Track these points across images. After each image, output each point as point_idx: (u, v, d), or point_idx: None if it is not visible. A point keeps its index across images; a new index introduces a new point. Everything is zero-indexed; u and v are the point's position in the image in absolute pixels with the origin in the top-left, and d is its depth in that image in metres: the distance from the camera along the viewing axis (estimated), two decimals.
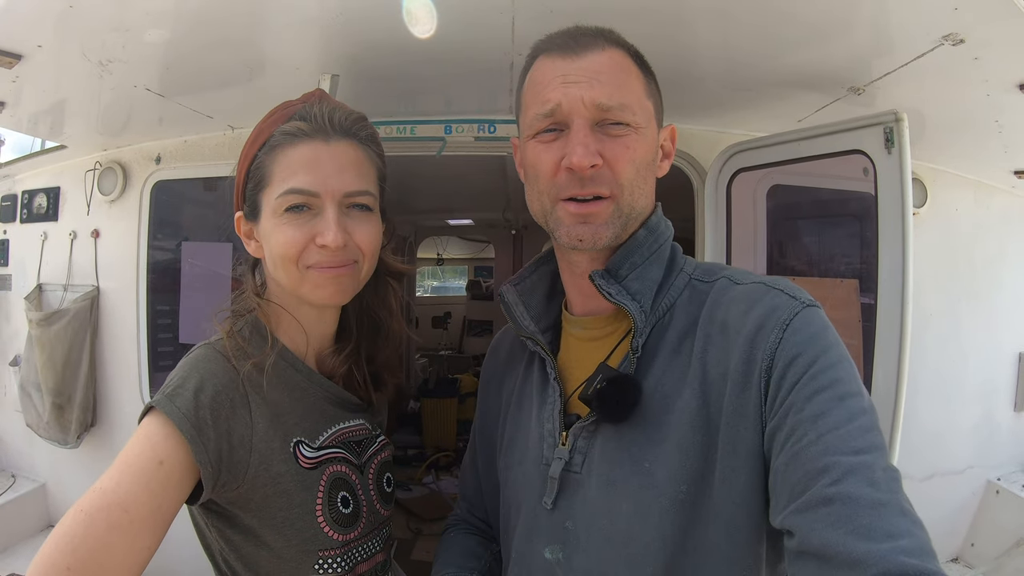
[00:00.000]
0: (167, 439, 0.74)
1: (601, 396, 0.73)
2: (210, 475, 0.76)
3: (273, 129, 0.86)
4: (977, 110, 1.97)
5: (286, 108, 0.88)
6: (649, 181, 0.78)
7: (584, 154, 0.71)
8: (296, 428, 0.86)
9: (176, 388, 0.78)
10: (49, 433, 2.73)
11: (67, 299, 2.75)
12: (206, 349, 0.85)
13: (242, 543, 0.84)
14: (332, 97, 0.91)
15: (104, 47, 1.62)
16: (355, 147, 0.87)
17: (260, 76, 1.85)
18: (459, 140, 2.16)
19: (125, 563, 0.70)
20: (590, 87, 0.72)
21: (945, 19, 1.38)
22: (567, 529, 0.76)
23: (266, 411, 0.83)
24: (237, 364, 0.82)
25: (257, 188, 0.87)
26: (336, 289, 0.86)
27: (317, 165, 0.83)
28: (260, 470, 0.81)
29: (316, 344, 0.94)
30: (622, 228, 0.76)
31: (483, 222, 6.43)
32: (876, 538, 0.51)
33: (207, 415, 0.77)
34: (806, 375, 0.63)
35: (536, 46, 0.80)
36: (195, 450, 0.75)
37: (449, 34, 1.51)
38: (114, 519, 0.69)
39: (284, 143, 0.85)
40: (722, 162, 2.10)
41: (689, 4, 1.41)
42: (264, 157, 0.86)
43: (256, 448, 0.81)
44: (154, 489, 0.72)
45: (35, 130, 2.57)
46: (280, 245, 0.84)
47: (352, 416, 0.95)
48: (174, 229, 2.63)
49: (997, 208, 2.88)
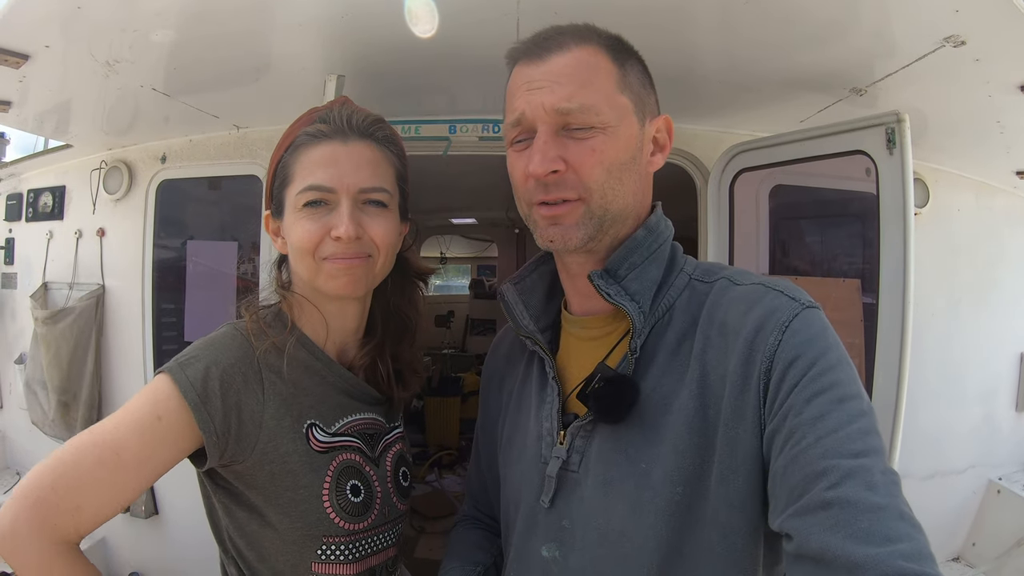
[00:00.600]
0: (170, 399, 0.79)
1: (598, 396, 0.73)
2: (216, 444, 0.80)
3: (298, 132, 0.91)
4: (979, 111, 1.97)
5: (312, 113, 0.93)
6: (627, 180, 0.75)
7: (541, 162, 0.71)
8: (311, 411, 0.88)
9: (190, 358, 0.82)
10: (54, 431, 2.74)
11: (72, 297, 2.76)
12: (228, 328, 0.90)
13: (247, 521, 0.86)
14: (354, 103, 0.96)
15: (111, 47, 1.63)
16: (372, 147, 0.91)
17: (266, 76, 1.86)
18: (463, 140, 2.17)
19: (104, 498, 0.76)
20: (551, 92, 0.71)
21: (947, 21, 1.38)
22: (564, 528, 0.76)
23: (280, 390, 0.86)
24: (256, 343, 0.86)
25: (282, 187, 0.92)
26: (349, 280, 0.88)
27: (334, 163, 0.87)
28: (268, 447, 0.83)
29: (337, 337, 0.96)
30: (596, 230, 0.75)
31: (486, 221, 6.43)
32: (875, 542, 0.51)
33: (216, 386, 0.80)
34: (805, 377, 0.62)
35: (509, 52, 0.79)
36: (198, 418, 0.79)
37: (454, 34, 1.52)
38: (104, 456, 0.75)
39: (306, 143, 0.89)
40: (725, 162, 2.11)
41: (693, 4, 1.42)
42: (288, 157, 0.91)
43: (266, 425, 0.84)
44: (147, 440, 0.77)
45: (41, 129, 2.59)
46: (298, 238, 0.87)
47: (367, 409, 0.97)
48: (179, 228, 2.63)
49: (998, 209, 2.88)
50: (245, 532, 0.87)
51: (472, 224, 6.69)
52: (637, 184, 0.78)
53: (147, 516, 2.59)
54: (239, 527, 0.87)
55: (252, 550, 0.87)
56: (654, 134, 0.80)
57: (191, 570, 2.33)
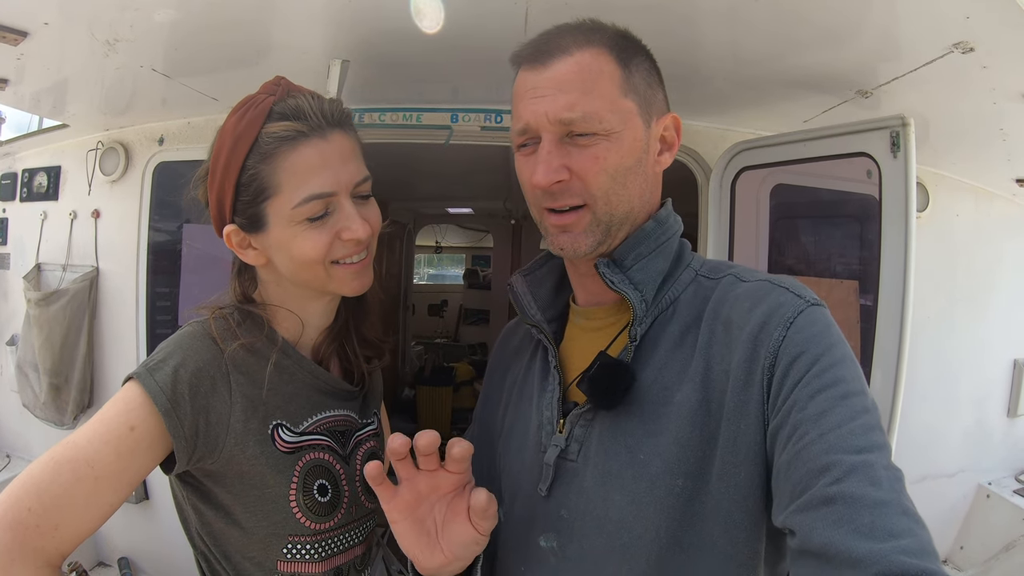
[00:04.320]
0: (141, 408, 0.77)
1: (593, 381, 0.73)
2: (184, 448, 0.78)
3: (255, 132, 0.81)
4: (982, 118, 1.98)
5: (255, 105, 0.83)
6: (633, 184, 0.75)
7: (545, 173, 0.72)
8: (277, 411, 0.86)
9: (158, 363, 0.80)
10: (46, 414, 2.73)
11: (66, 279, 2.74)
12: (194, 326, 0.86)
13: (214, 519, 0.85)
14: (296, 85, 0.88)
15: (112, 26, 1.60)
16: (346, 136, 0.86)
17: (268, 59, 1.83)
18: (465, 129, 2.16)
19: (85, 515, 0.74)
20: (554, 100, 0.71)
21: (957, 27, 1.38)
22: (562, 518, 0.76)
23: (248, 391, 0.84)
24: (223, 344, 0.83)
25: (258, 199, 0.83)
26: (366, 280, 0.89)
27: (325, 164, 0.82)
28: (235, 450, 0.82)
29: (313, 333, 0.95)
30: (604, 235, 0.75)
31: (483, 211, 6.42)
32: (877, 537, 0.51)
33: (185, 391, 0.78)
34: (809, 373, 0.62)
35: (513, 56, 0.79)
36: (169, 424, 0.77)
37: (462, 23, 1.50)
38: (80, 472, 0.73)
39: (282, 147, 0.81)
40: (727, 160, 2.11)
41: (700, 1, 1.41)
42: (260, 166, 0.82)
43: (232, 428, 0.82)
44: (122, 452, 0.75)
45: (37, 108, 2.55)
46: (306, 251, 0.83)
47: (339, 405, 0.95)
48: (175, 211, 2.61)
49: (997, 215, 2.89)
50: (212, 530, 0.86)
51: (468, 214, 6.68)
52: (643, 186, 0.78)
53: (138, 501, 2.58)
54: (206, 524, 0.86)
55: (218, 548, 0.86)
56: (662, 133, 0.79)
57: (181, 556, 2.29)
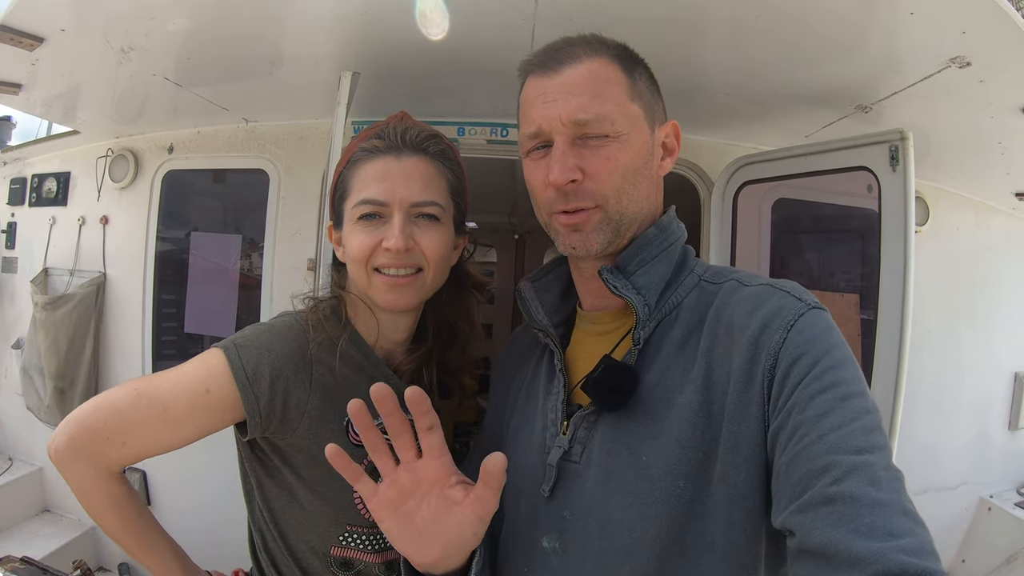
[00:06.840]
0: (222, 376, 0.85)
1: (597, 383, 0.74)
2: (257, 424, 0.86)
3: (356, 147, 0.96)
4: (981, 132, 2.00)
5: (372, 128, 0.98)
6: (641, 185, 0.78)
7: (560, 171, 0.74)
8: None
9: (248, 343, 0.88)
10: (50, 417, 2.73)
11: (73, 284, 2.76)
12: (287, 317, 0.95)
13: (278, 495, 0.92)
14: (412, 118, 1.00)
15: (127, 34, 1.64)
16: (425, 161, 0.94)
17: (279, 70, 1.87)
18: (472, 142, 2.18)
19: (148, 443, 0.85)
20: (567, 104, 0.74)
21: (954, 42, 1.41)
22: (565, 519, 0.77)
23: (327, 383, 0.91)
24: (312, 335, 0.91)
25: (341, 199, 0.96)
26: (398, 296, 0.93)
27: (387, 177, 0.91)
28: (308, 434, 0.89)
29: (387, 341, 1.00)
30: (614, 234, 0.77)
31: (487, 225, 6.41)
32: (877, 537, 0.51)
33: (266, 372, 0.86)
34: (809, 375, 0.63)
35: (522, 64, 0.82)
36: (245, 399, 0.85)
37: (469, 38, 1.53)
38: (155, 409, 0.84)
39: (363, 159, 0.94)
40: (729, 174, 2.13)
41: (703, 17, 1.44)
42: (347, 172, 0.96)
43: (309, 414, 0.89)
44: (195, 407, 0.85)
45: (49, 114, 2.59)
46: (353, 249, 0.92)
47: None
48: (183, 219, 2.64)
49: (997, 229, 2.91)
50: (273, 507, 0.93)
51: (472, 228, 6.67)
52: (649, 188, 0.81)
53: None
54: (267, 500, 0.93)
55: (276, 525, 0.92)
56: (663, 139, 0.82)
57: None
